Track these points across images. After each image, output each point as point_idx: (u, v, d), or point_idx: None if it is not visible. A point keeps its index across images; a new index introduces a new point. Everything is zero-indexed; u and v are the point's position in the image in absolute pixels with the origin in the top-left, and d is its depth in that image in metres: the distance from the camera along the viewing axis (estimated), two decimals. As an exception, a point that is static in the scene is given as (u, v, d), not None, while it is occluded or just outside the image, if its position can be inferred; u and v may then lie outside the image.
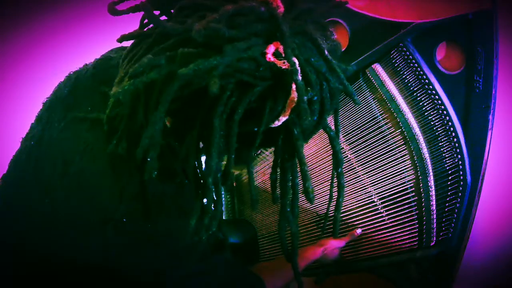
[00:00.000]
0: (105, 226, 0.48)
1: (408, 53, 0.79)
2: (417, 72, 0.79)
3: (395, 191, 0.84)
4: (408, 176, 0.83)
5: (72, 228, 0.48)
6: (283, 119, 0.41)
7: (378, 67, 0.83)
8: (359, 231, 0.88)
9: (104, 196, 0.48)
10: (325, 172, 0.95)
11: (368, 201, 0.89)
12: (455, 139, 0.76)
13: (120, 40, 0.44)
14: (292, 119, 0.42)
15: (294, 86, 0.39)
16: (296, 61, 0.40)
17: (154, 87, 0.41)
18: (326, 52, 0.43)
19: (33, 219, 0.50)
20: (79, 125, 0.51)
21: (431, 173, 0.80)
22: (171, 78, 0.38)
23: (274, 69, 0.40)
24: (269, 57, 0.39)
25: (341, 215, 0.93)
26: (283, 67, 0.39)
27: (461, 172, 0.76)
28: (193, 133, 0.43)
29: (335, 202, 0.53)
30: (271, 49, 0.40)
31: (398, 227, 0.84)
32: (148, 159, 0.41)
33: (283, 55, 0.40)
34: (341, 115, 0.90)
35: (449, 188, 0.78)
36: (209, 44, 0.38)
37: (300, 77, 0.39)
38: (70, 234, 0.49)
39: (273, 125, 0.42)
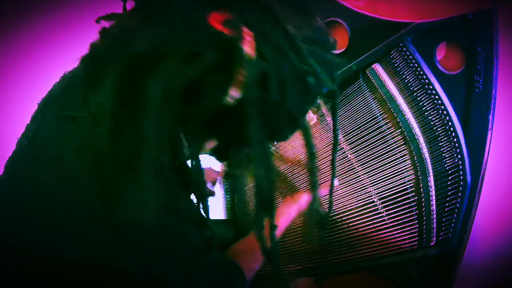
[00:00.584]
0: (94, 226, 0.47)
1: (408, 53, 0.79)
2: (417, 72, 0.79)
3: (395, 191, 0.84)
4: (408, 176, 0.83)
5: (64, 227, 0.48)
6: (234, 94, 0.39)
7: (378, 67, 0.83)
8: (336, 182, 0.88)
9: (92, 195, 0.47)
10: (323, 173, 0.95)
11: (368, 201, 0.89)
12: (455, 139, 0.76)
13: (97, 20, 0.43)
14: (245, 97, 0.39)
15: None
16: (247, 31, 0.37)
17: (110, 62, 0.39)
18: (290, 29, 0.40)
19: (29, 219, 0.50)
20: (70, 123, 0.51)
21: (431, 173, 0.80)
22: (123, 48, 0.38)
23: (222, 38, 0.37)
24: (217, 24, 0.37)
25: (341, 215, 0.93)
26: (230, 35, 0.37)
27: (461, 172, 0.76)
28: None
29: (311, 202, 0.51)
30: (218, 16, 0.38)
31: (398, 227, 0.85)
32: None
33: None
34: (341, 115, 0.90)
35: (449, 188, 0.78)
36: (156, 12, 0.38)
37: (251, 50, 0.37)
38: (63, 234, 0.48)
39: (226, 102, 0.39)
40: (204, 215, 0.56)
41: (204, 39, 0.37)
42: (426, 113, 0.79)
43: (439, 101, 0.77)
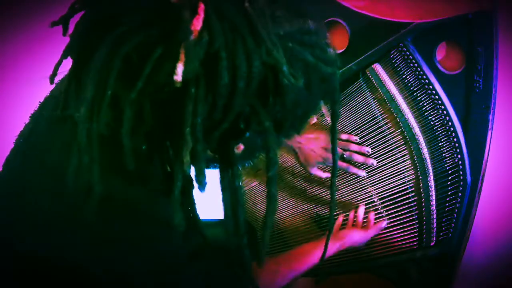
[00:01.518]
0: (76, 226, 0.47)
1: (408, 53, 0.79)
2: (417, 72, 0.79)
3: (395, 191, 0.85)
4: (408, 176, 0.83)
5: (47, 224, 0.48)
6: (180, 71, 0.35)
7: (378, 67, 0.83)
8: (384, 223, 0.85)
9: (77, 196, 0.47)
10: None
11: (368, 201, 0.89)
12: (455, 139, 0.76)
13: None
14: (185, 75, 0.36)
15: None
16: (199, 3, 0.35)
17: None
18: (250, 10, 0.36)
19: (18, 215, 0.50)
20: (64, 123, 0.51)
21: (431, 173, 0.80)
22: None
23: (166, 5, 0.36)
24: None
25: (341, 215, 0.93)
26: (174, 1, 0.35)
27: (461, 172, 0.76)
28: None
29: (266, 218, 0.45)
30: None
31: (398, 227, 0.85)
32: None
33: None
34: (341, 115, 0.90)
35: (449, 188, 0.78)
36: None
37: (198, 24, 0.35)
38: (47, 231, 0.48)
39: (175, 80, 0.36)
40: (195, 221, 0.55)
41: (153, 7, 0.36)
42: (426, 113, 0.79)
43: (439, 101, 0.77)
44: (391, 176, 0.85)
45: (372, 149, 0.87)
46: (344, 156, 0.88)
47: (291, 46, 0.39)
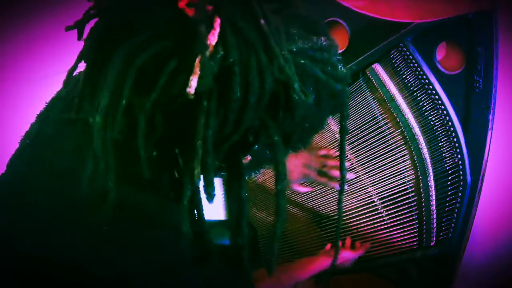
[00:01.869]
0: (85, 230, 0.47)
1: (408, 53, 0.79)
2: (417, 72, 0.79)
3: (395, 191, 0.85)
4: (408, 176, 0.83)
5: (48, 226, 0.48)
6: (193, 84, 0.36)
7: (378, 67, 0.83)
8: (369, 244, 0.89)
9: (86, 200, 0.46)
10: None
11: (368, 201, 0.89)
12: (455, 139, 0.76)
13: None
14: (198, 88, 0.36)
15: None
16: (215, 17, 0.35)
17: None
18: (265, 27, 0.36)
19: (20, 215, 0.50)
20: (73, 126, 0.51)
21: (431, 173, 0.80)
22: None
23: (183, 18, 0.35)
24: (181, 3, 0.35)
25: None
26: (190, 14, 0.35)
27: (461, 172, 0.76)
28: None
29: (275, 228, 0.45)
30: None
31: (398, 227, 0.85)
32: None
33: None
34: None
35: (449, 188, 0.78)
36: None
37: (214, 38, 0.35)
38: (48, 232, 0.48)
39: (188, 93, 0.36)
40: (202, 227, 0.55)
41: (169, 19, 0.36)
42: (426, 113, 0.79)
43: (439, 101, 0.77)
44: (391, 176, 0.85)
45: (372, 149, 0.87)
46: (323, 170, 0.90)
47: (303, 63, 0.39)
